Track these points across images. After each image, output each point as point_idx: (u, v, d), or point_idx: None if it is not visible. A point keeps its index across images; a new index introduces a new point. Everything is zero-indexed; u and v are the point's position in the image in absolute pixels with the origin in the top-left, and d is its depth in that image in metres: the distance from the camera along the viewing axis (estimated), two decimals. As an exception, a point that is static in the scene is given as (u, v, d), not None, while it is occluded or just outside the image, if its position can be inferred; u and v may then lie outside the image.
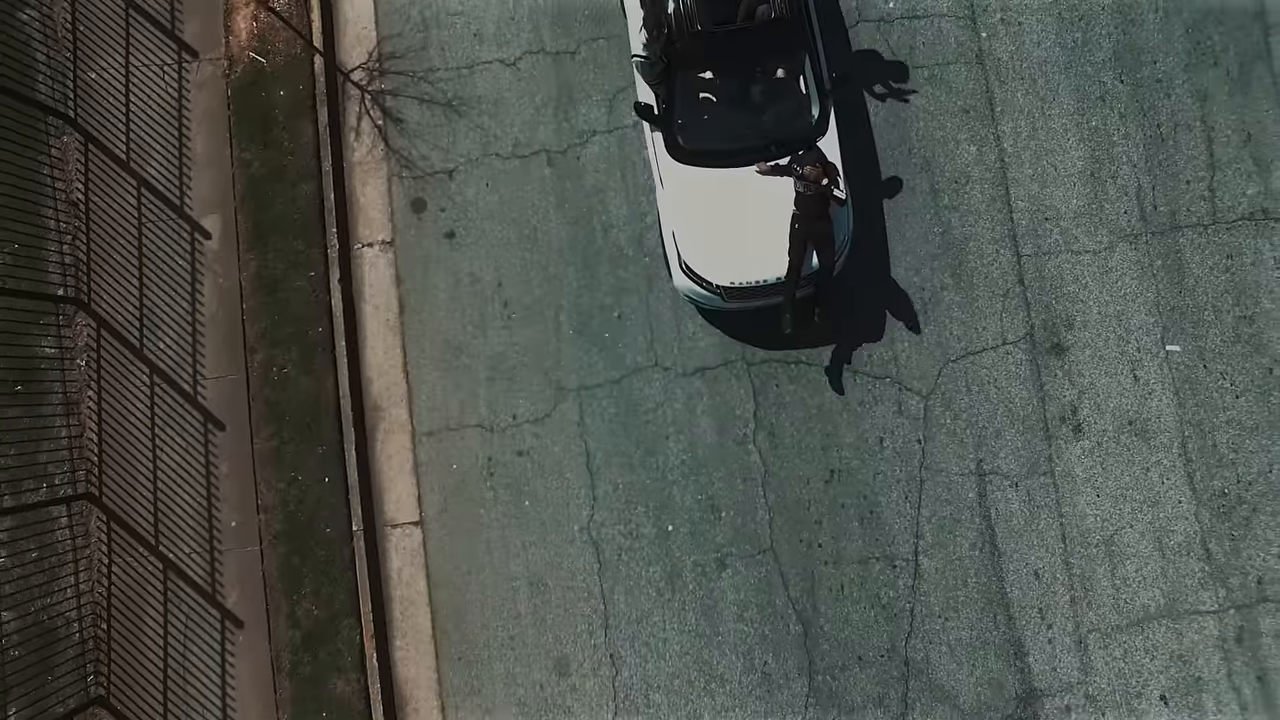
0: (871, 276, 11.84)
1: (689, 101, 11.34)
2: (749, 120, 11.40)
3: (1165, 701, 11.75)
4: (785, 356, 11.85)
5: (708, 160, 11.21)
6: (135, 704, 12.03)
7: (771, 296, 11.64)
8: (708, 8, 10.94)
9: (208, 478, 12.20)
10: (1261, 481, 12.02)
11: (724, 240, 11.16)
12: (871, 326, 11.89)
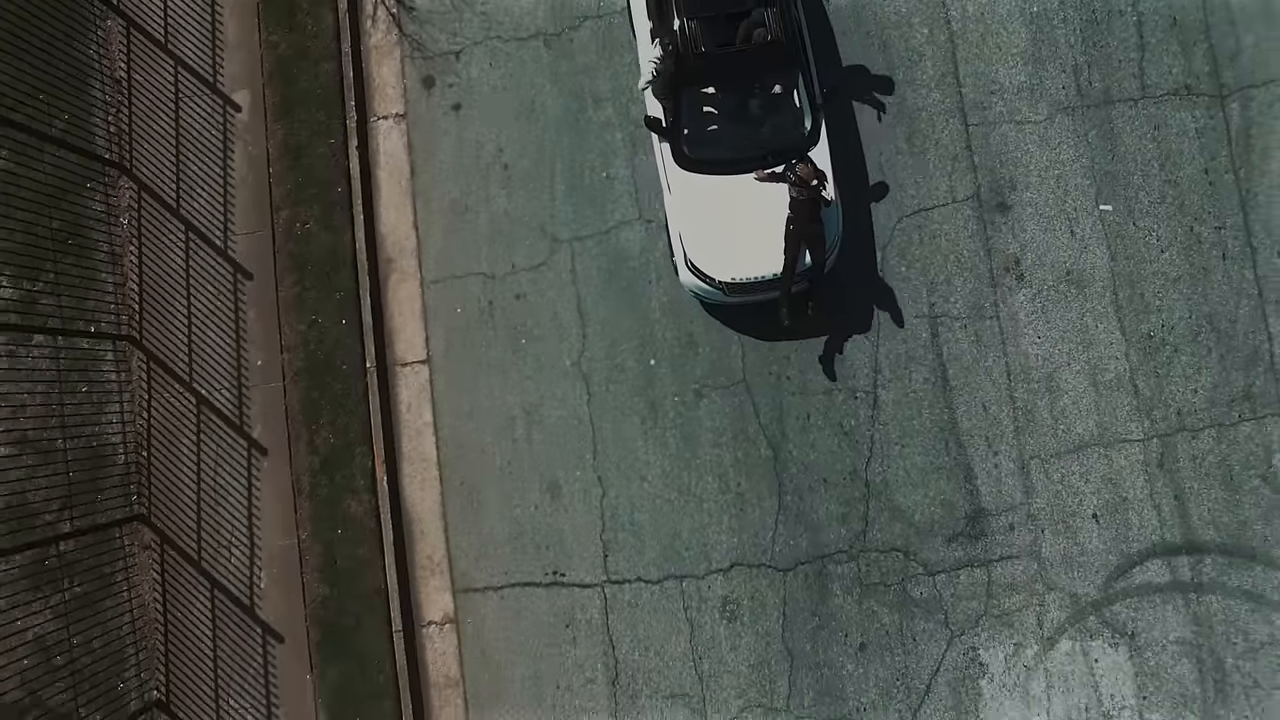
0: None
1: (694, 115, 11.36)
2: (748, 132, 11.42)
3: (1096, 519, 11.68)
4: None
5: (711, 168, 11.18)
6: (172, 521, 11.97)
7: (769, 291, 11.41)
8: (710, 31, 11.01)
9: (236, 322, 12.12)
10: (1183, 326, 11.81)
11: (725, 240, 11.14)
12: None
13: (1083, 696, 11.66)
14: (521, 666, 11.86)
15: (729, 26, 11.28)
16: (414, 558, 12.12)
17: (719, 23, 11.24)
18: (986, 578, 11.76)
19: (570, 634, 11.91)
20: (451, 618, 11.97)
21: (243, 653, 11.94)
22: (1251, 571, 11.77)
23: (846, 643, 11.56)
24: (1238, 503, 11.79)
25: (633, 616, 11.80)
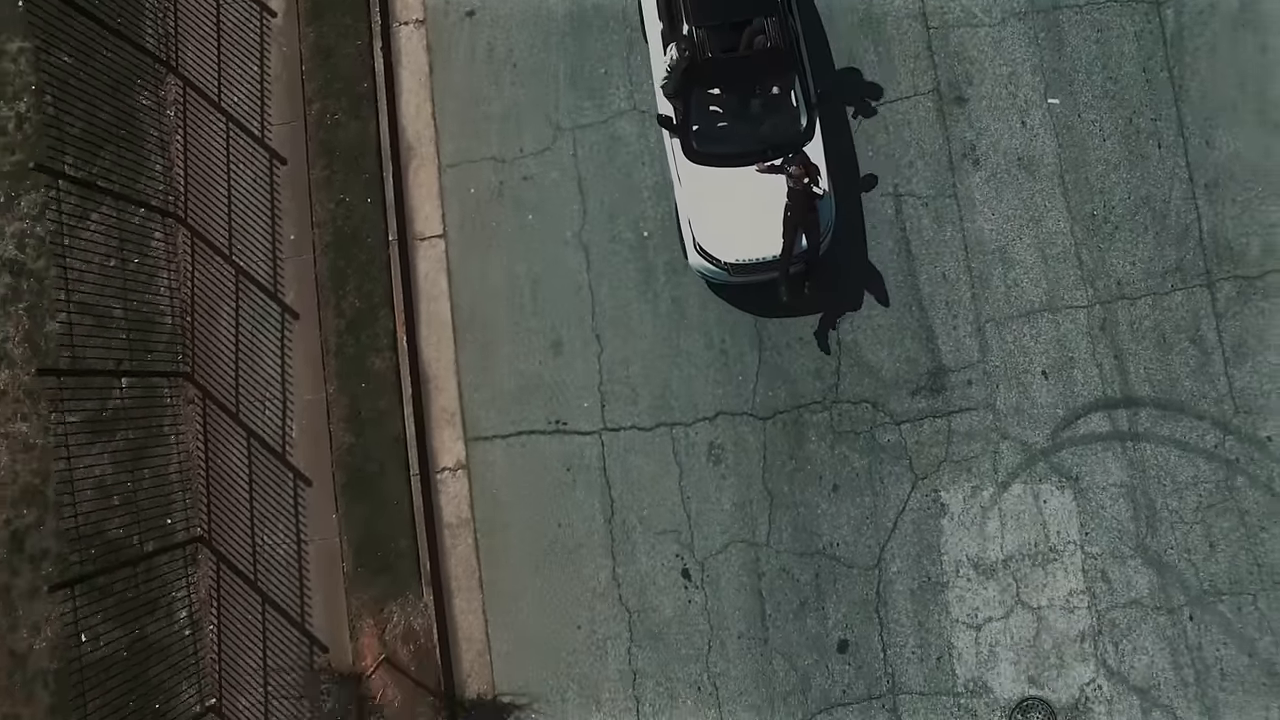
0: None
1: (701, 114, 11.43)
2: (750, 129, 11.48)
3: (1045, 376, 11.71)
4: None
5: (717, 161, 11.25)
6: (213, 379, 11.95)
7: (769, 272, 11.39)
8: (716, 38, 11.09)
9: (271, 201, 12.12)
10: (1122, 206, 11.88)
11: (730, 225, 11.15)
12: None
13: (1033, 534, 11.65)
14: (526, 507, 11.86)
15: (733, 34, 11.33)
16: (430, 410, 12.05)
17: (724, 30, 11.30)
18: (947, 427, 11.81)
19: (570, 477, 11.88)
20: (464, 464, 11.95)
21: (275, 494, 11.85)
22: (1180, 422, 11.71)
23: (821, 484, 11.63)
24: (1170, 362, 11.78)
25: (627, 460, 11.83)
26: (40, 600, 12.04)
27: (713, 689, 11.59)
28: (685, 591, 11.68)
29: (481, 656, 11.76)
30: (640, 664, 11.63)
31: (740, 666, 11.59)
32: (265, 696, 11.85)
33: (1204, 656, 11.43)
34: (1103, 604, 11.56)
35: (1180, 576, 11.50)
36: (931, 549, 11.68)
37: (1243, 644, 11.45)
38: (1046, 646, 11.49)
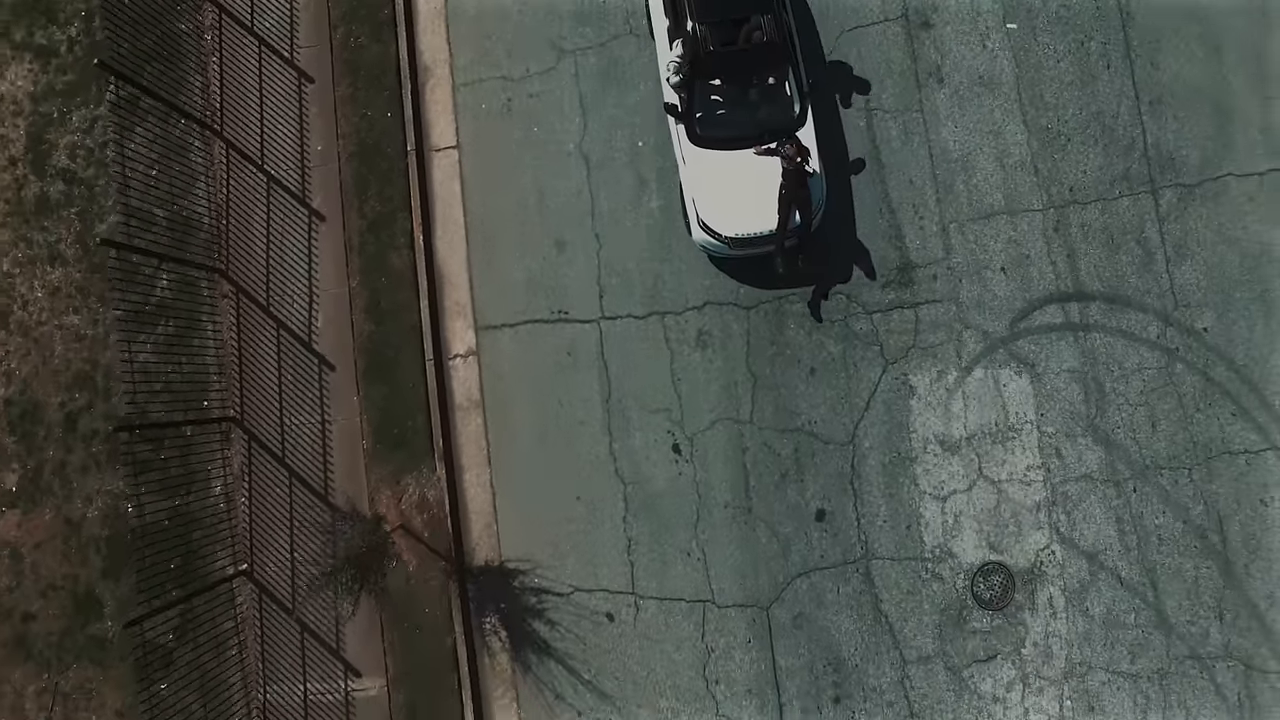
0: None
1: (704, 102, 11.46)
2: (748, 115, 11.55)
3: (1004, 272, 11.78)
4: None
5: (718, 144, 11.32)
6: (246, 273, 12.09)
7: (766, 246, 11.36)
8: (717, 34, 11.19)
9: (300, 116, 12.19)
10: (1074, 120, 11.95)
11: (730, 203, 11.20)
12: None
13: (993, 414, 11.68)
14: (531, 389, 11.90)
15: (733, 30, 11.39)
16: (443, 302, 12.09)
17: (725, 27, 11.36)
18: (915, 317, 11.83)
19: (571, 360, 11.90)
20: (474, 350, 12.01)
21: (302, 379, 11.90)
22: (1126, 315, 11.75)
23: (799, 367, 11.68)
24: (1117, 261, 11.81)
25: (623, 346, 11.84)
26: (92, 474, 12.22)
27: (701, 555, 11.58)
28: (675, 465, 11.72)
29: (489, 527, 11.75)
30: (634, 532, 11.63)
31: (726, 534, 11.60)
32: (291, 561, 12.28)
33: (1145, 524, 11.46)
34: (1056, 478, 11.58)
35: (1126, 453, 11.53)
36: (901, 427, 11.68)
37: (1179, 512, 11.46)
38: (1005, 516, 11.55)
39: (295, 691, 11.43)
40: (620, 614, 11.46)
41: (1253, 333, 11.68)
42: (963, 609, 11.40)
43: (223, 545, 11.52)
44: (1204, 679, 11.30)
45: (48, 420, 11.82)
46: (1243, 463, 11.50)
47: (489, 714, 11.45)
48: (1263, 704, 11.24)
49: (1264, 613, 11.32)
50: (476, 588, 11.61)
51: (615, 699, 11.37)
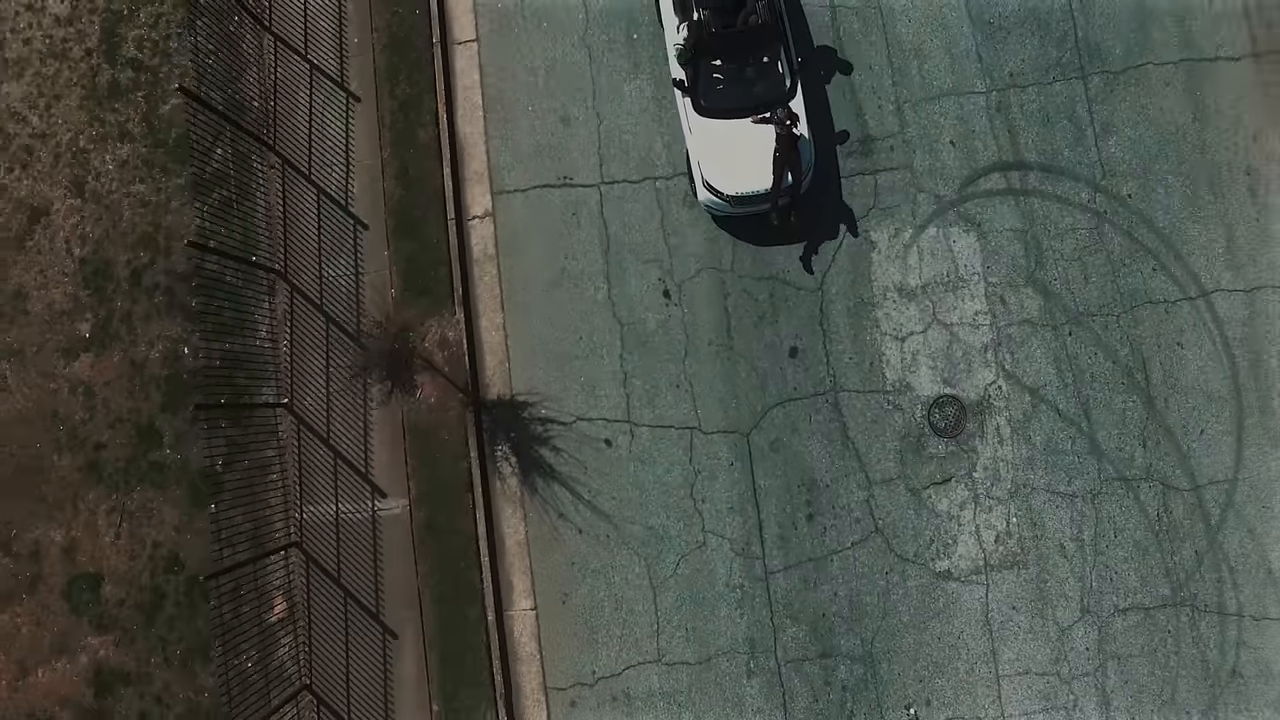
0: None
1: (707, 77, 11.53)
2: (745, 89, 11.66)
3: (953, 144, 11.88)
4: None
5: (720, 114, 11.45)
6: (291, 149, 12.26)
7: (763, 204, 11.36)
8: (718, 16, 11.33)
9: (339, 13, 12.39)
10: (1014, 16, 12.31)
11: (731, 165, 11.26)
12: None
13: (944, 266, 11.68)
14: (539, 244, 11.86)
15: (732, 13, 11.48)
16: (464, 170, 12.06)
17: (724, 12, 11.47)
18: (874, 182, 11.86)
19: (575, 219, 11.85)
20: (490, 212, 11.96)
21: (338, 236, 11.96)
22: (1061, 182, 11.80)
23: (773, 224, 11.76)
24: (1052, 135, 11.91)
25: (620, 206, 11.83)
26: (154, 321, 12.51)
27: (688, 386, 11.43)
28: (666, 308, 11.64)
29: (502, 364, 11.56)
30: (629, 367, 11.45)
31: (710, 368, 11.47)
32: (327, 395, 12.76)
33: (1079, 364, 11.43)
34: (1001, 322, 11.49)
35: (1061, 301, 11.49)
36: (864, 276, 11.55)
37: (1108, 354, 11.40)
38: (957, 355, 11.48)
39: (329, 511, 11.74)
40: (617, 440, 11.33)
41: (1170, 199, 11.57)
42: (921, 436, 11.41)
43: (266, 382, 12.00)
44: (1129, 497, 11.31)
45: (116, 275, 11.95)
46: (1162, 311, 11.45)
47: (499, 530, 11.40)
48: (1177, 518, 11.20)
49: (1180, 440, 11.25)
50: (490, 418, 11.35)
51: (612, 516, 11.20)
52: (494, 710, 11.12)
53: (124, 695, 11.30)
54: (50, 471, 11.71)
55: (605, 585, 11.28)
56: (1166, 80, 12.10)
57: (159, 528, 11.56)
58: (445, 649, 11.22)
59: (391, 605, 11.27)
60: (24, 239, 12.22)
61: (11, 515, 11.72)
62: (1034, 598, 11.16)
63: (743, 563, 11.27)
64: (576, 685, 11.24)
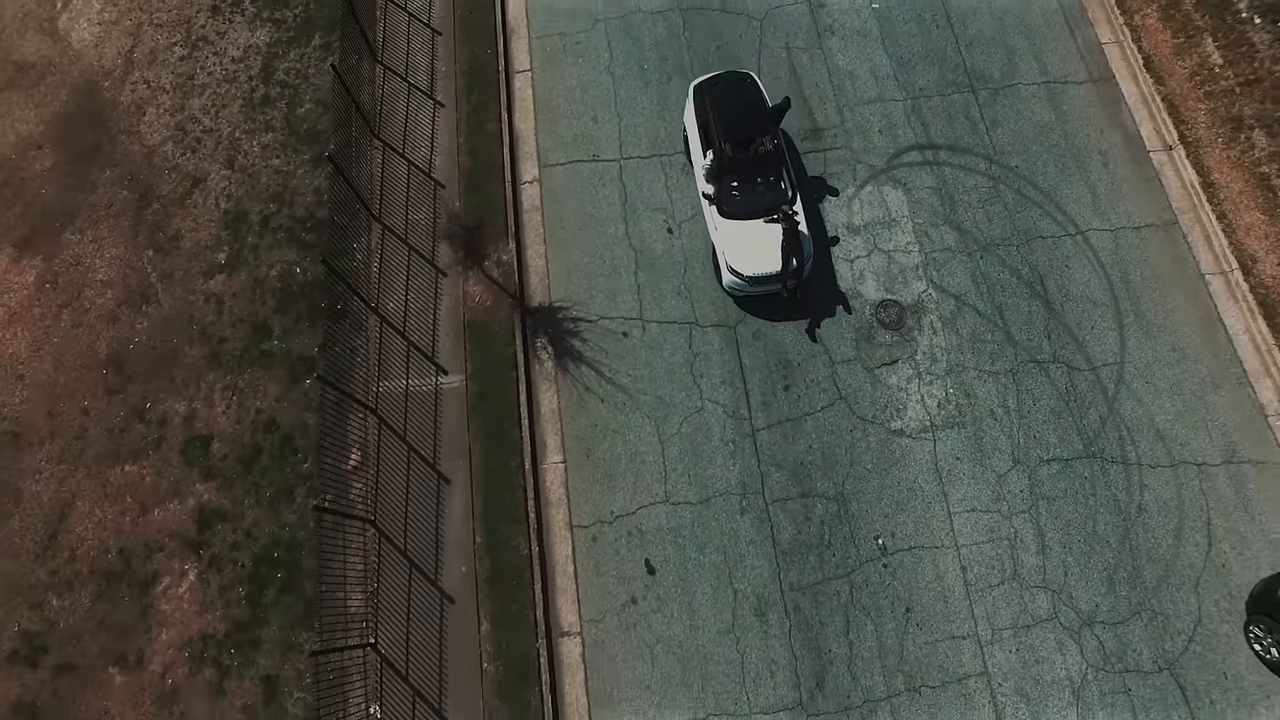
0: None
1: (728, 191, 14.30)
2: (757, 198, 14.32)
3: (880, 132, 15.68)
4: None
5: (739, 217, 14.19)
6: (389, 136, 15.80)
7: (774, 284, 14.00)
8: (735, 148, 14.17)
9: (431, 52, 16.53)
10: (919, 52, 16.41)
11: (749, 253, 13.95)
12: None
13: (880, 211, 15.15)
14: (574, 200, 15.31)
15: (745, 145, 14.21)
16: (519, 150, 15.72)
17: (740, 143, 14.17)
18: (824, 157, 15.46)
19: (602, 182, 15.39)
20: (537, 179, 15.45)
21: (421, 193, 15.39)
22: (964, 157, 15.48)
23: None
24: (955, 127, 15.76)
25: (635, 174, 15.43)
26: (275, 251, 15.49)
27: (688, 293, 14.46)
28: (669, 240, 14.93)
29: (543, 280, 14.68)
30: (642, 281, 14.58)
31: (704, 281, 14.51)
32: (405, 302, 15.61)
33: (991, 279, 14.53)
34: (927, 249, 14.72)
35: (972, 235, 14.78)
36: (818, 215, 15.16)
37: (1013, 271, 14.49)
38: (894, 272, 14.66)
39: (400, 386, 14.54)
40: (632, 332, 14.26)
41: (1047, 169, 15.25)
42: (871, 329, 14.24)
43: (358, 292, 15.15)
44: (1041, 375, 13.90)
45: (250, 220, 15.38)
46: (1050, 243, 14.74)
47: (536, 399, 13.80)
48: (1081, 391, 13.64)
49: (1075, 333, 14.01)
50: (532, 318, 14.30)
51: (627, 389, 13.83)
52: (528, 542, 13.11)
53: (220, 529, 13.38)
54: (182, 360, 14.49)
55: (622, 442, 13.69)
56: (1033, 94, 16.28)
57: (262, 399, 14.13)
58: (489, 492, 13.42)
59: (446, 457, 13.65)
60: (185, 198, 15.87)
61: (147, 393, 14.35)
62: (973, 451, 13.52)
63: (734, 423, 13.75)
64: (597, 523, 13.30)
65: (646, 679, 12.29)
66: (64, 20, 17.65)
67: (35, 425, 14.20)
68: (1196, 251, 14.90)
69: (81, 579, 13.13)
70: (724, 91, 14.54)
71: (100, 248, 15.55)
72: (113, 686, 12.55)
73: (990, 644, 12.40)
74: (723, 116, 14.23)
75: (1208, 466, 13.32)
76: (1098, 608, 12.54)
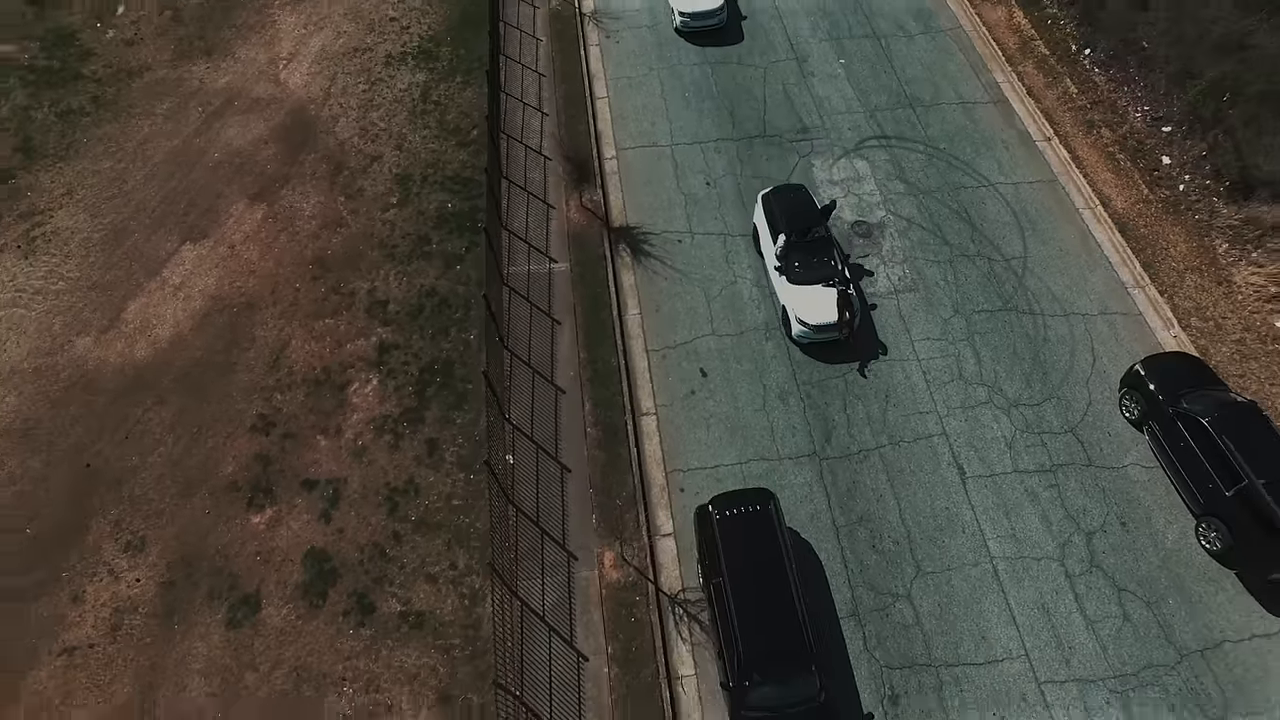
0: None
1: (792, 265, 18.54)
2: (815, 270, 18.47)
3: (849, 130, 22.37)
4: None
5: (802, 284, 18.43)
6: (513, 128, 24.36)
7: (833, 331, 17.81)
8: (797, 235, 18.73)
9: (538, 93, 24.76)
10: (875, 84, 25.05)
11: (813, 309, 17.93)
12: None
13: (851, 173, 21.41)
14: (640, 169, 21.71)
15: (804, 232, 18.71)
16: (602, 142, 22.44)
17: (800, 231, 18.72)
18: (810, 144, 22.06)
19: (658, 159, 22.03)
20: (615, 156, 22.02)
21: (535, 164, 21.68)
22: (908, 144, 22.00)
23: (764, 158, 21.89)
24: (901, 125, 22.36)
25: (684, 153, 22.17)
26: (432, 195, 22.31)
27: (721, 218, 20.55)
28: (707, 189, 21.26)
29: (621, 211, 20.70)
30: (689, 211, 20.82)
31: (734, 208, 20.76)
32: (526, 225, 21.61)
33: (929, 209, 20.51)
34: (884, 193, 20.91)
35: (916, 185, 21.01)
36: (808, 178, 21.39)
37: (946, 205, 20.52)
38: (863, 205, 21.06)
39: (523, 270, 20.20)
40: (685, 240, 20.14)
41: (966, 148, 21.90)
42: (850, 237, 20.85)
43: (496, 214, 21.27)
44: (969, 263, 19.76)
45: (414, 178, 21.82)
46: (971, 190, 21.12)
47: (620, 278, 19.29)
48: (997, 272, 19.60)
49: (992, 239, 20.30)
50: (615, 234, 20.36)
51: (683, 270, 19.45)
52: (616, 357, 18.60)
53: (394, 354, 18.85)
54: (365, 258, 20.52)
55: (680, 300, 19.49)
56: (954, 109, 23.67)
57: (425, 278, 20.01)
58: (589, 330, 19.01)
59: (557, 311, 19.34)
60: (367, 168, 22.59)
61: (340, 278, 20.24)
62: (926, 304, 19.32)
63: (758, 290, 19.62)
64: (664, 348, 18.83)
65: (704, 440, 17.28)
66: (284, 73, 25.26)
67: (263, 298, 19.92)
68: (1071, 196, 21.45)
69: (296, 384, 18.36)
70: (785, 197, 19.97)
71: (306, 197, 21.98)
72: (319, 447, 17.44)
73: (946, 416, 17.55)
74: (786, 215, 19.30)
75: (1090, 315, 19.03)
76: (1020, 396, 17.79)
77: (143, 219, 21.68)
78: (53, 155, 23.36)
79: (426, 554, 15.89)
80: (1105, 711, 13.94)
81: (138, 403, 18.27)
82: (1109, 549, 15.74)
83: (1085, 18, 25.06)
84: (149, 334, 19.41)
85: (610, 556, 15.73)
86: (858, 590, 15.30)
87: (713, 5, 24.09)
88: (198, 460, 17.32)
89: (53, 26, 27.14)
